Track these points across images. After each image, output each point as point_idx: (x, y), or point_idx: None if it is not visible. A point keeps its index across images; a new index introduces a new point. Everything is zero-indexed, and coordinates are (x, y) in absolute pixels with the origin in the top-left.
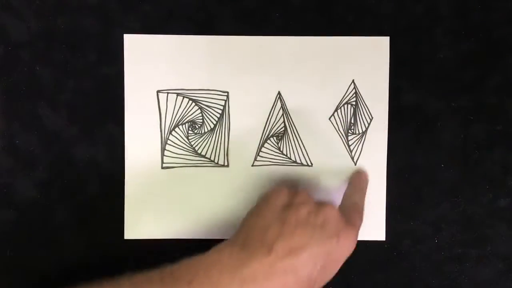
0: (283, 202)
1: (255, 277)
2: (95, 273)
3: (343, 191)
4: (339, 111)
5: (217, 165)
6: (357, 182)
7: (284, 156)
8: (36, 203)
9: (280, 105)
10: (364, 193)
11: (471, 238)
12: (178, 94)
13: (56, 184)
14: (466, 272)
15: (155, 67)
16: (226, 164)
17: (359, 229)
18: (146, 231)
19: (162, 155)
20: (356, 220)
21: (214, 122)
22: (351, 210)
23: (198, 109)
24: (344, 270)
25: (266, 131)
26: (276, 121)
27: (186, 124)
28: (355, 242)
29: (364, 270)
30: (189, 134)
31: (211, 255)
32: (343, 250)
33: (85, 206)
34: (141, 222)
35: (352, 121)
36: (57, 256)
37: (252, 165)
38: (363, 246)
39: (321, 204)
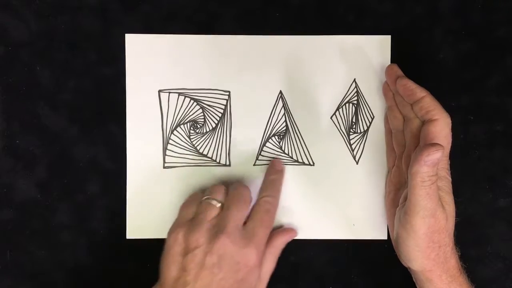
0: (180, 248)
1: None
2: (95, 273)
3: (345, 190)
4: (340, 110)
5: (219, 164)
6: (267, 174)
7: (286, 155)
8: (36, 203)
9: (281, 104)
10: (274, 186)
11: (471, 238)
12: (179, 94)
13: (56, 184)
14: (466, 272)
15: (157, 66)
16: (227, 163)
17: (264, 235)
18: (148, 231)
19: (164, 154)
20: (256, 230)
21: (216, 122)
22: (255, 217)
23: (199, 109)
24: (344, 270)
25: (268, 130)
26: (278, 120)
27: (188, 124)
28: (259, 254)
29: (364, 270)
30: (190, 134)
31: None
32: (250, 269)
33: (85, 206)
34: (143, 222)
35: (354, 120)
36: (57, 256)
37: (254, 165)
38: (364, 246)
39: (213, 240)
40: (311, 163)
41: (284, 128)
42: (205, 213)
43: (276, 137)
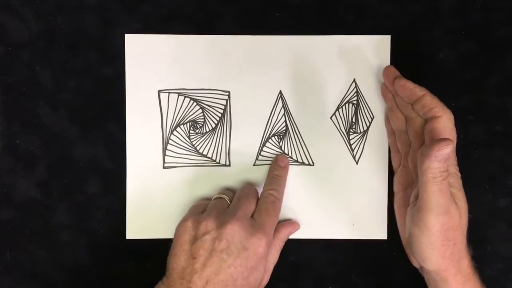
0: (190, 236)
1: None
2: (95, 273)
3: (344, 190)
4: (340, 110)
5: (219, 164)
6: (271, 169)
7: (286, 156)
8: (36, 203)
9: (281, 105)
10: (278, 180)
11: (471, 238)
12: (179, 94)
13: (56, 184)
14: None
15: (156, 67)
16: (227, 163)
17: (271, 225)
18: (147, 231)
19: (164, 155)
20: (263, 219)
21: (216, 122)
22: (261, 207)
23: (199, 109)
24: (344, 270)
25: (268, 130)
26: (278, 120)
27: (188, 124)
28: (268, 242)
29: (364, 270)
30: (190, 134)
31: None
32: (259, 257)
33: (85, 206)
34: (143, 222)
35: (354, 120)
36: (57, 256)
37: (254, 165)
38: (364, 246)
39: (222, 225)
40: (311, 163)
41: (284, 128)
42: (215, 205)
43: (276, 137)
